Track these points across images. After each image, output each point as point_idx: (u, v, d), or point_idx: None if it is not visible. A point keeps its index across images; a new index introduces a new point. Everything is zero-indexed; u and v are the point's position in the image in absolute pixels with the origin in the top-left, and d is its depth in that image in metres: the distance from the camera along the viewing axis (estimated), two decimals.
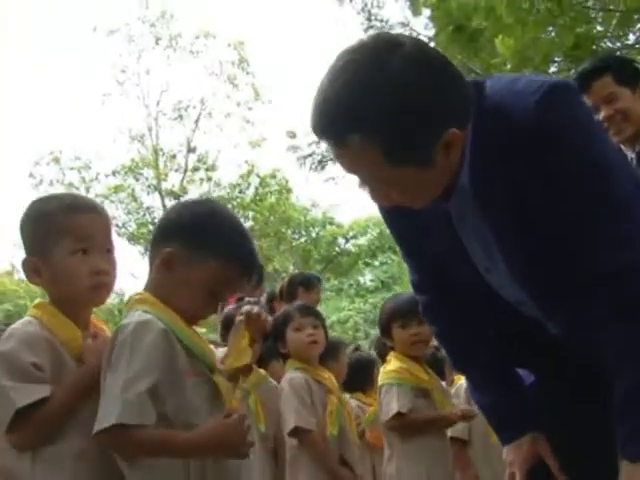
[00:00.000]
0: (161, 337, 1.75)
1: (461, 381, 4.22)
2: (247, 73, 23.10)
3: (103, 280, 1.90)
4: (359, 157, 1.53)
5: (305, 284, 5.45)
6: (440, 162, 1.56)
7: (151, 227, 22.68)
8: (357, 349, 4.90)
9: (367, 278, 34.01)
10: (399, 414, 3.49)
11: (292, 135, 22.32)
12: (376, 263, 36.37)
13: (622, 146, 3.32)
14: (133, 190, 22.63)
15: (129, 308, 1.88)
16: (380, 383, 3.70)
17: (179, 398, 1.75)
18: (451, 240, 1.76)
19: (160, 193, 22.56)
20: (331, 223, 28.23)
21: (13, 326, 1.89)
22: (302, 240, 26.04)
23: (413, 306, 3.48)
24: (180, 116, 22.61)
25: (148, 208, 22.79)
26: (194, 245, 1.85)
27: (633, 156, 3.28)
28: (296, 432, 3.38)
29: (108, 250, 1.94)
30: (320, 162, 14.59)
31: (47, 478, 1.78)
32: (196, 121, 22.96)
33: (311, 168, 14.75)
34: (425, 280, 2.00)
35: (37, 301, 1.97)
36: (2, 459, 1.83)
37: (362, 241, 35.46)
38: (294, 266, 26.56)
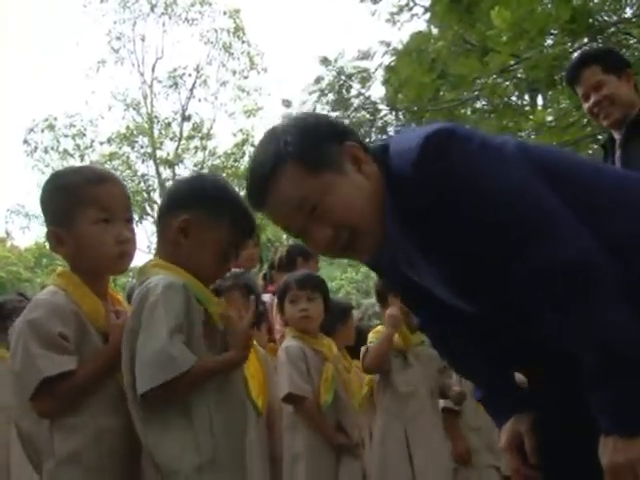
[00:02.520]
0: (187, 297, 1.89)
1: None
2: (243, 42, 23.01)
3: (127, 248, 2.00)
4: (288, 181, 1.73)
5: (304, 254, 5.52)
6: (354, 175, 1.75)
7: (145, 195, 22.72)
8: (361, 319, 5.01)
9: None
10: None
11: (287, 104, 22.23)
12: None
13: (612, 129, 3.50)
14: (128, 158, 22.59)
15: (145, 273, 1.98)
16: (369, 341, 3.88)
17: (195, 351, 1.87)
18: (414, 287, 1.93)
19: (155, 161, 22.53)
20: None
21: (39, 295, 1.99)
22: None
23: None
24: (175, 84, 22.52)
25: (143, 176, 22.78)
26: (208, 211, 2.01)
27: (619, 137, 3.44)
28: (290, 398, 3.47)
29: (128, 219, 2.03)
30: None
31: (66, 446, 1.86)
32: (191, 89, 22.89)
33: None
34: (421, 323, 2.25)
35: (60, 270, 2.04)
36: (23, 423, 1.93)
37: None
38: (287, 236, 26.58)
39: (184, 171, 22.74)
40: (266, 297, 5.24)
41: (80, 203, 1.97)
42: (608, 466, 1.64)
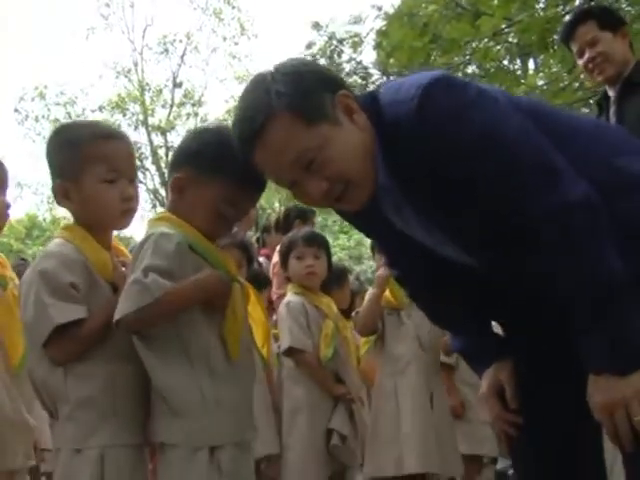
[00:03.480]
0: (180, 249, 1.92)
1: None
2: (233, 7, 22.85)
3: (130, 206, 2.05)
4: (283, 132, 1.69)
5: (301, 216, 5.59)
6: (347, 126, 1.74)
7: (138, 162, 22.64)
8: (357, 279, 5.05)
9: None
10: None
11: None
12: None
13: (606, 86, 3.55)
14: (119, 125, 22.48)
15: (150, 226, 2.03)
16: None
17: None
18: (398, 237, 1.94)
19: (147, 128, 22.44)
20: None
21: (49, 247, 2.04)
22: None
23: None
24: (166, 50, 22.37)
25: (135, 143, 22.65)
26: (201, 168, 1.98)
27: (613, 94, 3.50)
28: (290, 352, 3.56)
29: (133, 177, 2.09)
30: None
31: (79, 390, 1.93)
32: (182, 56, 22.75)
33: None
34: (400, 273, 2.20)
35: (65, 223, 2.11)
36: (37, 371, 1.98)
37: None
38: (280, 203, 26.55)
39: (176, 138, 22.67)
40: (260, 260, 5.32)
41: (88, 159, 2.01)
42: (601, 404, 1.68)
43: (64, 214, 25.54)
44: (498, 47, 10.99)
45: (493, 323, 2.15)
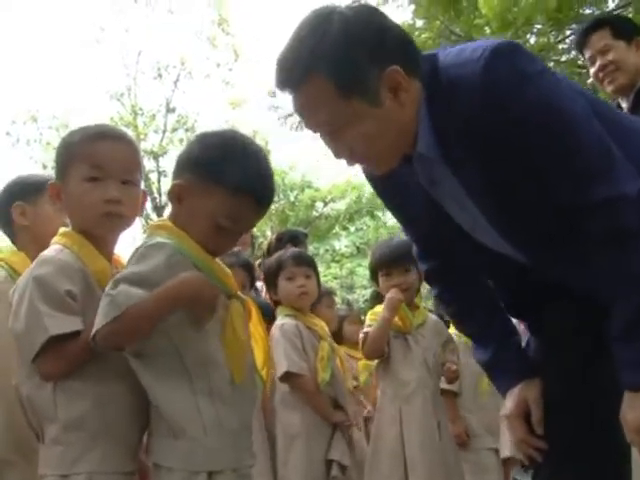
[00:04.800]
0: (170, 260, 1.79)
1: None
2: (227, 34, 22.86)
3: (114, 209, 1.91)
4: (316, 96, 1.67)
5: (293, 240, 5.54)
6: (389, 105, 1.67)
7: None
8: (348, 304, 4.98)
9: (342, 244, 34.12)
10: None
11: (273, 94, 22.24)
12: (352, 229, 36.38)
13: (617, 96, 3.47)
14: None
15: (149, 234, 1.91)
16: (366, 324, 3.79)
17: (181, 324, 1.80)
18: (429, 205, 1.86)
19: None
20: (309, 187, 28.06)
21: (45, 253, 1.91)
22: (280, 203, 25.91)
23: (396, 254, 3.62)
24: (160, 75, 22.31)
25: None
26: (200, 177, 1.87)
27: (626, 105, 3.42)
28: (287, 377, 3.45)
29: (126, 181, 1.95)
30: (301, 122, 14.53)
31: (68, 410, 1.81)
32: (175, 81, 22.71)
33: (292, 128, 14.70)
34: (422, 249, 2.13)
35: (63, 230, 1.99)
36: (24, 386, 1.87)
37: (340, 205, 35.38)
38: (271, 230, 26.48)
39: (169, 163, 22.58)
40: (258, 285, 5.24)
41: (74, 158, 1.93)
42: (633, 424, 1.62)
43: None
44: None
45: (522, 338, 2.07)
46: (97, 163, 1.91)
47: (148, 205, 22.36)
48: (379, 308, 3.72)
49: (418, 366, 3.66)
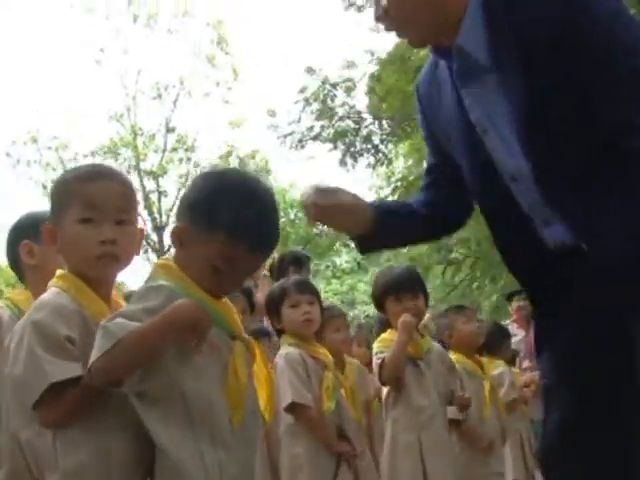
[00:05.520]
0: (169, 302, 1.74)
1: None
2: (226, 53, 22.93)
3: (109, 250, 1.87)
4: None
5: (296, 262, 5.50)
6: None
7: None
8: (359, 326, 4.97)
9: (343, 259, 34.21)
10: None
11: (272, 114, 22.32)
12: (352, 245, 36.41)
13: None
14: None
15: (152, 274, 1.88)
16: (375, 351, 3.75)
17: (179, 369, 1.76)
18: (458, 116, 1.94)
19: (139, 173, 22.36)
20: None
21: (43, 297, 1.88)
22: (281, 221, 25.92)
23: (406, 279, 3.63)
24: (159, 95, 22.33)
25: None
26: (196, 221, 1.83)
27: None
28: (292, 408, 3.40)
29: (121, 221, 1.91)
30: (300, 141, 14.55)
31: (71, 459, 1.76)
32: (175, 101, 22.75)
33: (291, 147, 14.71)
34: (431, 165, 2.27)
35: (59, 272, 1.95)
36: (24, 433, 1.82)
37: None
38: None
39: (169, 183, 22.61)
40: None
41: (67, 199, 1.90)
42: None
43: None
44: None
45: None
46: (91, 204, 1.88)
47: (148, 226, 22.36)
48: (387, 335, 3.70)
49: (432, 392, 3.63)
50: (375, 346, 3.76)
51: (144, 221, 22.21)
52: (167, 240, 22.75)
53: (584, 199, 1.78)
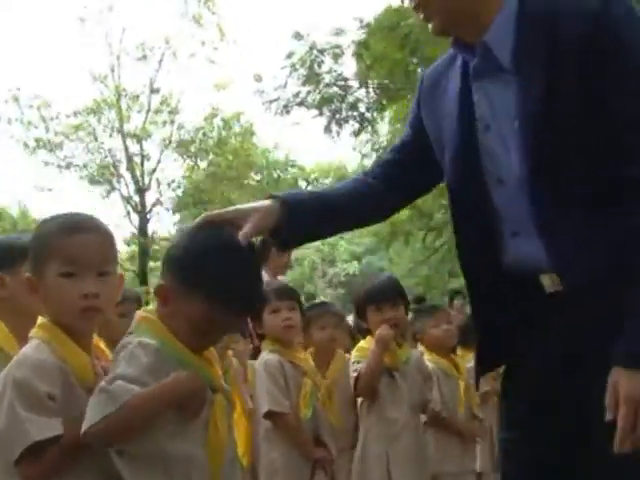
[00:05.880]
0: (156, 363, 1.79)
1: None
2: (213, 13, 22.64)
3: (92, 303, 1.87)
4: None
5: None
6: None
7: (113, 169, 22.42)
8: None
9: None
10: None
11: (258, 79, 22.22)
12: None
13: None
14: (94, 130, 22.19)
15: (136, 326, 1.90)
16: (353, 360, 3.78)
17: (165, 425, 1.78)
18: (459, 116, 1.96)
19: (122, 135, 22.20)
20: (293, 166, 28.12)
21: (24, 351, 1.88)
22: (264, 182, 25.83)
23: (387, 290, 3.66)
24: (144, 56, 22.08)
25: (110, 150, 22.43)
26: (182, 281, 1.84)
27: None
28: (269, 415, 3.44)
29: (102, 273, 1.91)
30: (285, 107, 14.42)
31: None
32: (160, 61, 22.50)
33: (277, 112, 14.58)
34: (384, 162, 2.26)
35: (41, 321, 1.95)
36: None
37: (324, 185, 35.39)
38: None
39: (152, 146, 22.49)
40: None
41: (48, 253, 1.89)
42: (628, 396, 1.64)
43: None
44: None
45: None
46: (72, 258, 1.88)
47: (131, 188, 22.25)
48: (364, 343, 3.73)
49: (404, 404, 3.67)
50: (353, 355, 3.80)
51: (127, 183, 22.16)
52: (149, 201, 22.76)
53: (569, 219, 1.80)
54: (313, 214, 2.04)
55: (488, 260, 1.95)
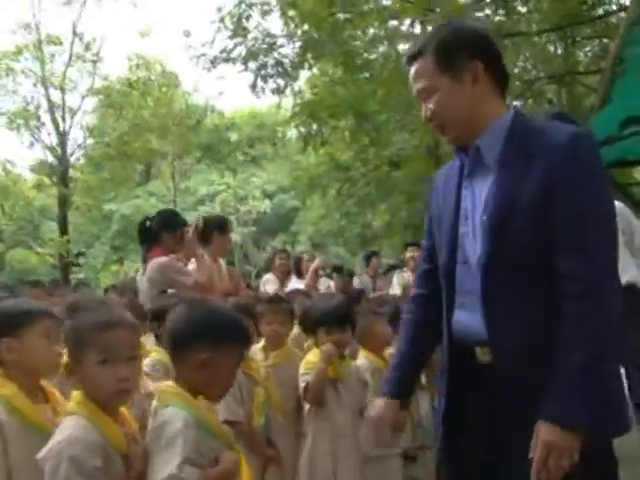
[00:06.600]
0: (197, 433, 2.24)
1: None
2: None
3: (125, 386, 2.28)
4: (423, 67, 2.36)
5: (220, 227, 5.77)
6: (467, 87, 2.32)
7: (35, 120, 21.82)
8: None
9: (238, 155, 34.21)
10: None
11: (187, 34, 22.18)
12: (253, 153, 36.26)
13: None
14: (15, 76, 21.53)
15: (163, 399, 2.32)
16: (301, 372, 4.09)
17: None
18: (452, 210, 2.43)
19: (44, 83, 21.60)
20: (213, 111, 27.73)
21: (71, 429, 2.21)
22: (184, 128, 25.49)
23: (337, 316, 4.04)
24: (69, 2, 21.39)
25: (32, 97, 21.88)
26: (218, 344, 2.38)
27: None
28: (225, 423, 3.59)
29: (131, 357, 2.30)
30: (212, 62, 14.46)
31: None
32: (83, 3, 21.85)
33: (204, 68, 14.59)
34: (424, 272, 2.71)
35: (79, 398, 2.29)
36: None
37: (243, 131, 35.11)
38: (172, 153, 26.32)
39: (74, 98, 21.95)
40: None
41: (85, 344, 2.27)
42: (546, 443, 2.11)
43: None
44: None
45: None
46: (107, 349, 2.27)
47: (54, 139, 21.73)
48: (312, 357, 4.07)
49: (348, 409, 4.04)
50: (301, 366, 4.11)
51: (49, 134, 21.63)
52: (69, 149, 22.32)
53: (508, 296, 2.25)
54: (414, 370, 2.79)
55: (446, 332, 2.45)
